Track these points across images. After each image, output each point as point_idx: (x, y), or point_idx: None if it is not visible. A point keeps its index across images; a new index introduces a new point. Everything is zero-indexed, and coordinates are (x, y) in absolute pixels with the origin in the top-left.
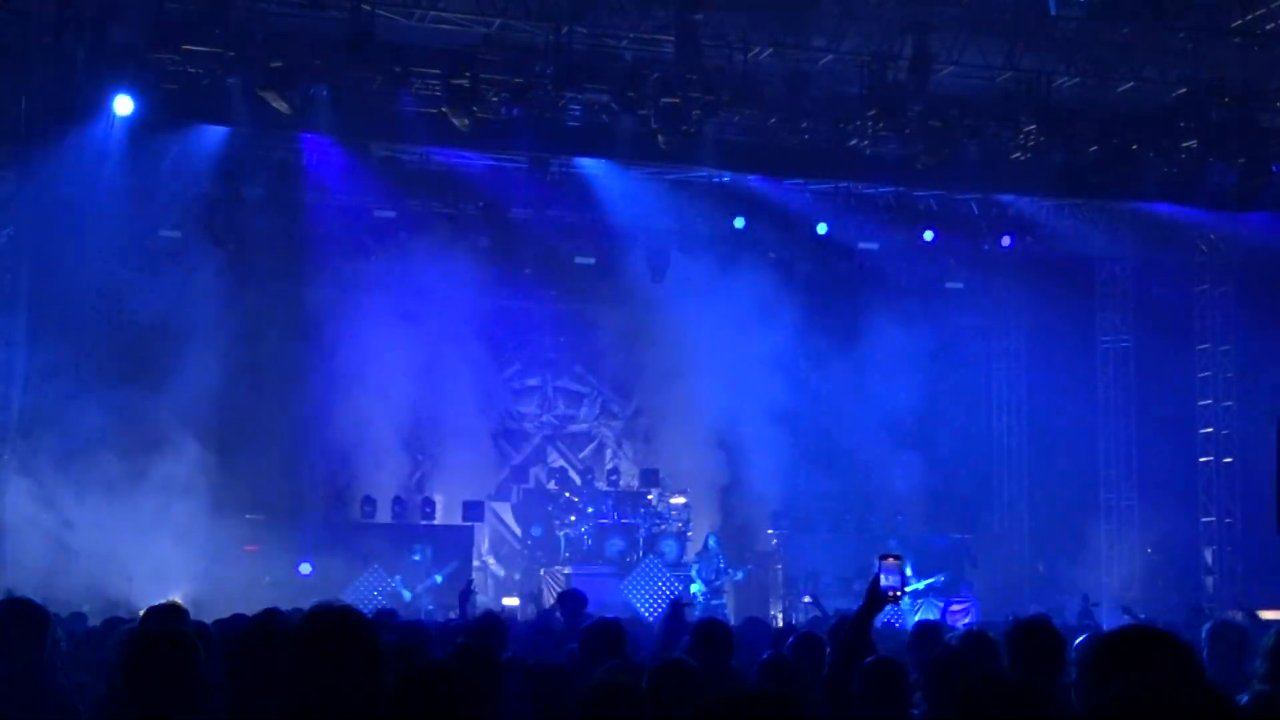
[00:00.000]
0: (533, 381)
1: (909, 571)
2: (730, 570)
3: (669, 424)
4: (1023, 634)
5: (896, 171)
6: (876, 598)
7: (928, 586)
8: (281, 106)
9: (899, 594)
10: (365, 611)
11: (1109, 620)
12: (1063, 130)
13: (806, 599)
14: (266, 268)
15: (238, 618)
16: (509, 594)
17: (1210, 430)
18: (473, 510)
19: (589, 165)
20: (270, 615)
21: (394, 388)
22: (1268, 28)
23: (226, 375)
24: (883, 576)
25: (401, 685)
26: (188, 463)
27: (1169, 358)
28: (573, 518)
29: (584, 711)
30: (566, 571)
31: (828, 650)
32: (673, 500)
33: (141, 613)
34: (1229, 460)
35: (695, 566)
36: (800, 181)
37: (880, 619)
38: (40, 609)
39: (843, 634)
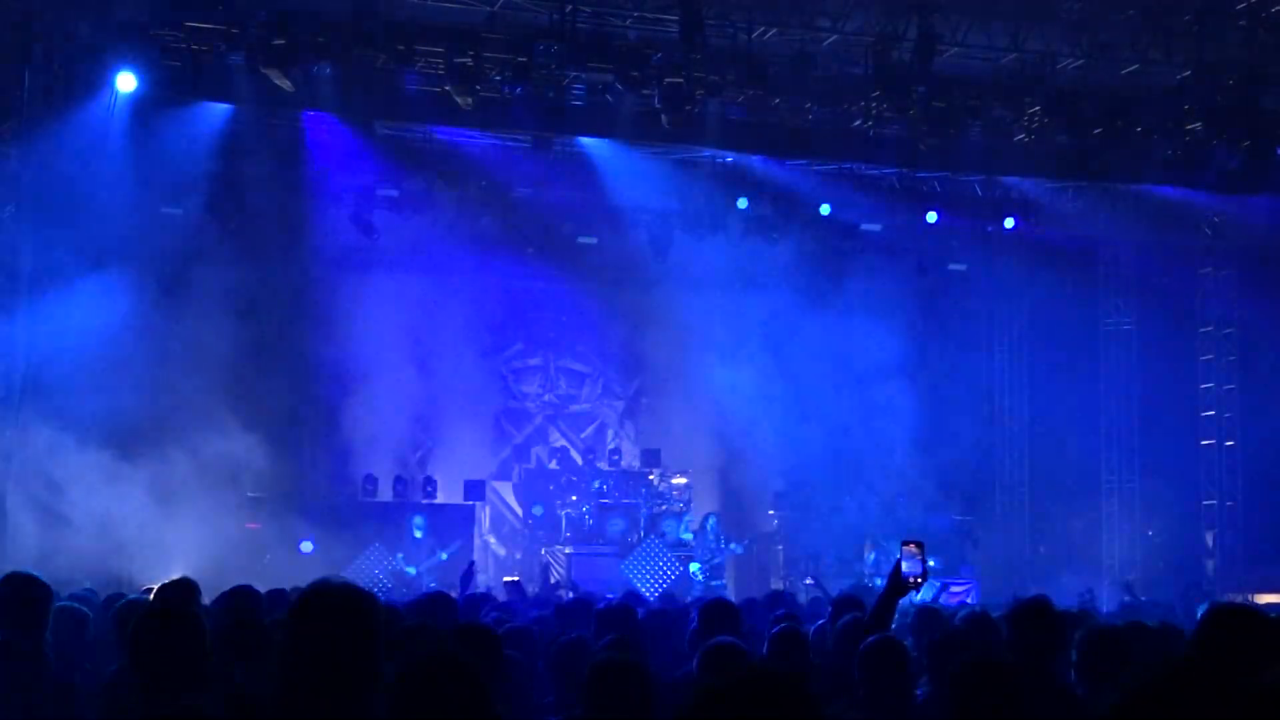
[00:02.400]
0: (534, 361)
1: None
2: (728, 547)
3: (671, 404)
4: (1022, 615)
5: (900, 152)
6: (898, 584)
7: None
8: (284, 84)
9: (920, 580)
10: (368, 588)
11: (1109, 602)
12: (1067, 112)
13: (809, 581)
14: (267, 246)
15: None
16: (510, 573)
17: (1212, 413)
18: (474, 489)
19: (592, 145)
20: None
21: (395, 366)
22: (1273, 10)
23: (227, 353)
24: (904, 563)
25: (403, 676)
26: (188, 439)
27: (1171, 340)
28: (574, 497)
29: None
30: (567, 551)
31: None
32: (674, 480)
33: (154, 589)
34: (1231, 443)
35: (692, 543)
36: (804, 162)
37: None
38: (42, 584)
39: (867, 618)
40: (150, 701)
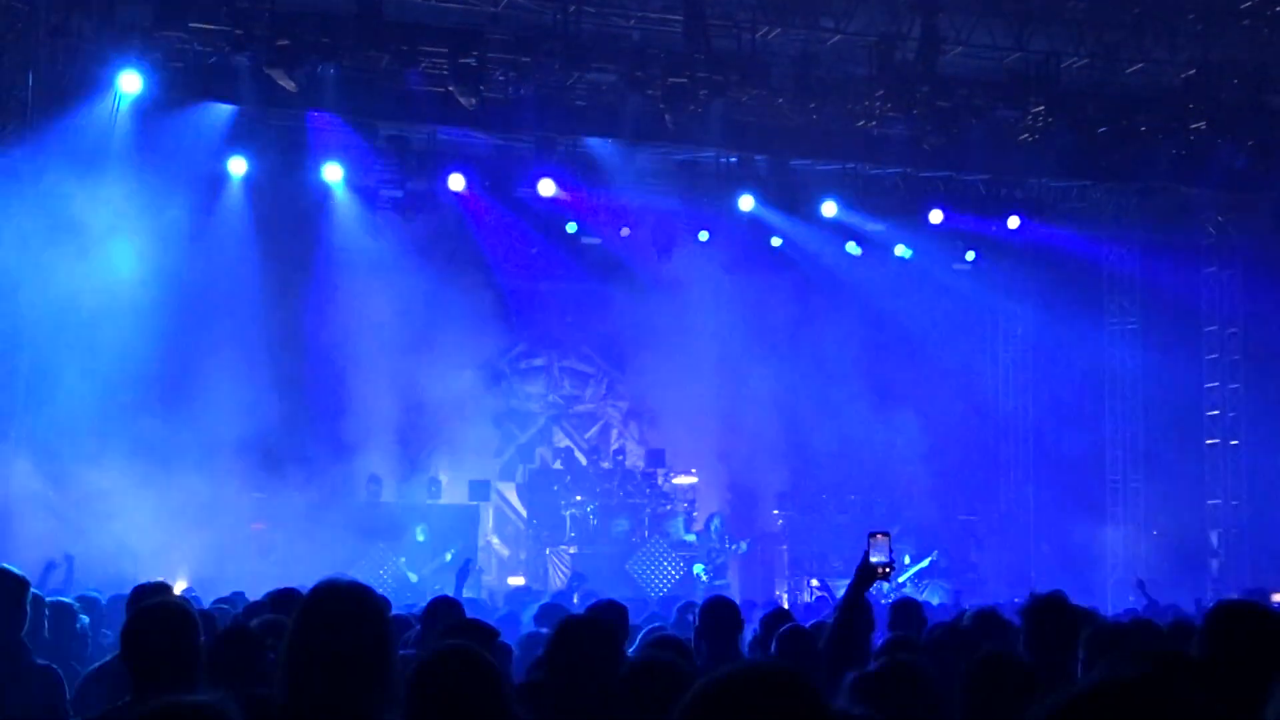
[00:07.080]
0: (539, 361)
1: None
2: (731, 546)
3: (675, 404)
4: (1038, 611)
5: (904, 152)
6: (866, 574)
7: (923, 568)
8: (289, 85)
9: (888, 569)
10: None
11: (1114, 600)
12: (1071, 112)
13: (814, 582)
14: (271, 247)
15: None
16: (514, 574)
17: (1217, 413)
18: (478, 490)
19: (596, 145)
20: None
21: (399, 366)
22: (1278, 9)
23: (231, 353)
24: (872, 553)
25: (424, 668)
26: (194, 442)
27: (1176, 340)
28: (578, 497)
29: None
30: (571, 551)
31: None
32: (678, 480)
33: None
34: (1235, 443)
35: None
36: (808, 162)
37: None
38: (18, 576)
39: (836, 612)
40: (140, 695)
